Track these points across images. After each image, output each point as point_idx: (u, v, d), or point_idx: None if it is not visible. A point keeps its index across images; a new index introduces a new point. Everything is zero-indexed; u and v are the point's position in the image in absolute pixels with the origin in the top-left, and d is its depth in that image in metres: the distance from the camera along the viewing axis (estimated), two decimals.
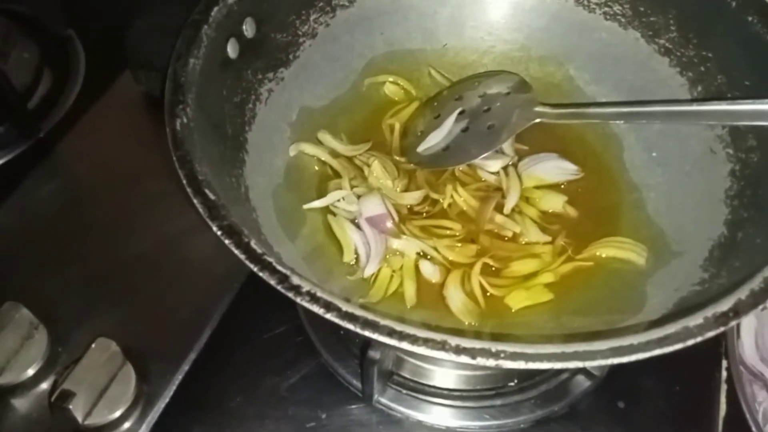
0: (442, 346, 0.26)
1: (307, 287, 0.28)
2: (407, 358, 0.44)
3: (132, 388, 0.41)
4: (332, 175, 0.46)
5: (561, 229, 0.44)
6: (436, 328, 0.27)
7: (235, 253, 0.30)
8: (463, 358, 0.26)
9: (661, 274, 0.40)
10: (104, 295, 0.47)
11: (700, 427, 0.44)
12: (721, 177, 0.41)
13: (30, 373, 0.42)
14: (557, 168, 0.46)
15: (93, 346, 0.41)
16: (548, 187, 0.46)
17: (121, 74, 0.59)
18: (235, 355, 0.45)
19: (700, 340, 0.27)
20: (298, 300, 0.28)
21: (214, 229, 0.30)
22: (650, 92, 0.46)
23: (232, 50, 0.41)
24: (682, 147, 0.44)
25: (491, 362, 0.25)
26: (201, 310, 0.46)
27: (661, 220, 0.43)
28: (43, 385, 0.43)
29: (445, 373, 0.44)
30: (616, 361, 0.26)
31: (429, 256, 0.43)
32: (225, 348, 0.45)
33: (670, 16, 0.45)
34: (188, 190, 0.32)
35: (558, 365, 0.26)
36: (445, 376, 0.44)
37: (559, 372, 0.44)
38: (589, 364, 0.26)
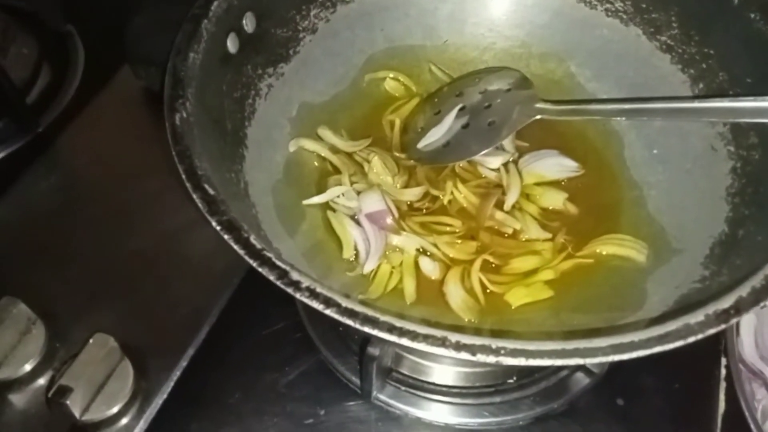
0: (443, 342, 0.26)
1: (306, 283, 0.28)
2: (406, 355, 0.44)
3: (130, 384, 0.41)
4: (332, 171, 0.46)
5: (561, 226, 0.44)
6: (436, 325, 0.27)
7: (235, 248, 0.29)
8: (464, 355, 0.26)
9: (661, 272, 0.40)
10: (102, 291, 0.47)
11: (699, 425, 0.44)
12: (723, 174, 0.41)
13: (27, 368, 0.42)
14: (558, 165, 0.46)
15: (91, 341, 0.41)
16: (549, 184, 0.46)
17: (120, 69, 0.59)
18: (234, 352, 0.45)
19: (701, 337, 0.27)
20: (297, 296, 0.28)
21: (214, 224, 0.30)
22: (651, 89, 0.46)
23: (232, 45, 0.41)
24: (683, 144, 0.44)
25: (491, 359, 0.25)
26: (199, 306, 0.46)
27: (662, 218, 0.43)
28: (41, 381, 0.43)
29: (445, 370, 0.44)
30: (617, 358, 0.26)
31: (429, 253, 0.42)
32: (223, 344, 0.45)
33: (672, 13, 0.45)
34: (187, 185, 0.32)
35: (558, 362, 0.26)
36: (444, 373, 0.44)
37: (558, 369, 0.44)
38: (589, 361, 0.26)
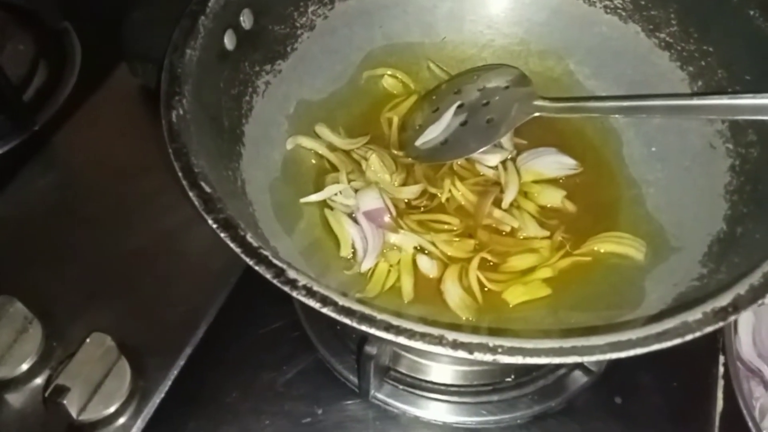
0: (440, 341, 0.26)
1: (303, 281, 0.28)
2: (404, 354, 0.44)
3: (127, 383, 0.41)
4: (330, 169, 0.46)
5: (559, 224, 0.44)
6: (434, 323, 0.27)
7: (231, 246, 0.29)
8: (461, 353, 0.25)
9: (660, 270, 0.40)
10: (99, 290, 0.46)
11: (697, 423, 0.44)
12: (721, 172, 0.41)
13: (24, 367, 0.42)
14: (556, 162, 0.46)
15: (88, 340, 0.41)
16: (547, 182, 0.46)
17: (117, 67, 0.59)
18: (231, 351, 0.45)
19: (698, 335, 0.27)
20: (294, 294, 0.28)
21: (210, 222, 0.30)
22: (650, 86, 0.46)
23: (229, 42, 0.40)
24: (682, 142, 0.44)
25: (489, 357, 0.25)
26: (197, 304, 0.46)
27: (661, 216, 0.43)
28: (38, 380, 0.42)
29: (442, 368, 0.44)
30: (615, 356, 0.26)
31: (426, 251, 0.42)
32: (221, 343, 0.45)
33: (671, 10, 0.45)
34: (184, 182, 0.31)
35: (556, 360, 0.26)
36: (442, 372, 0.44)
37: (556, 368, 0.44)
38: (587, 359, 0.26)
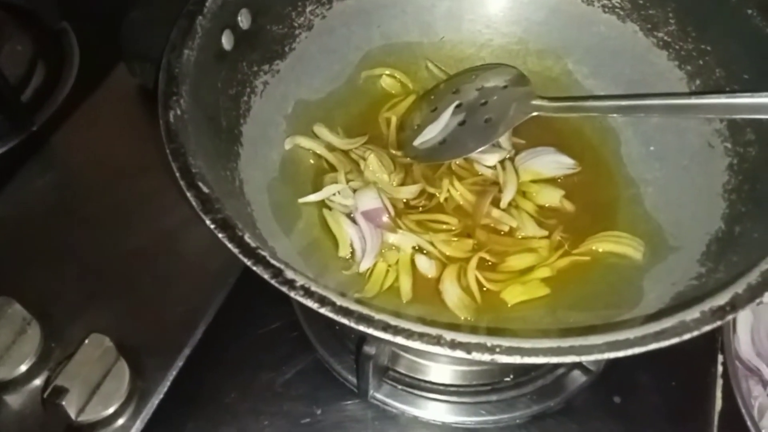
0: (437, 340, 0.26)
1: (301, 281, 0.28)
2: (403, 354, 0.44)
3: (126, 384, 0.41)
4: (328, 169, 0.46)
5: (558, 224, 0.44)
6: (432, 323, 0.27)
7: (229, 247, 0.29)
8: (459, 353, 0.25)
9: (658, 269, 0.40)
10: (98, 290, 0.46)
11: (695, 422, 0.44)
12: (719, 171, 0.41)
13: (23, 369, 0.42)
14: (554, 162, 0.46)
15: (86, 341, 0.41)
16: (545, 182, 0.46)
17: (115, 67, 0.59)
18: (230, 351, 0.45)
19: (696, 334, 0.27)
20: (292, 294, 0.28)
21: (208, 222, 0.30)
22: (648, 86, 0.46)
23: (227, 42, 0.40)
24: (680, 141, 0.44)
25: (487, 357, 0.25)
26: (195, 305, 0.46)
27: (659, 215, 0.43)
28: (36, 381, 0.42)
29: (441, 368, 0.44)
30: (612, 355, 0.26)
31: (425, 251, 0.42)
32: (219, 343, 0.45)
33: (669, 9, 0.45)
34: (181, 183, 0.31)
35: (554, 360, 0.26)
36: (440, 372, 0.44)
37: (555, 367, 0.44)
38: (585, 358, 0.26)
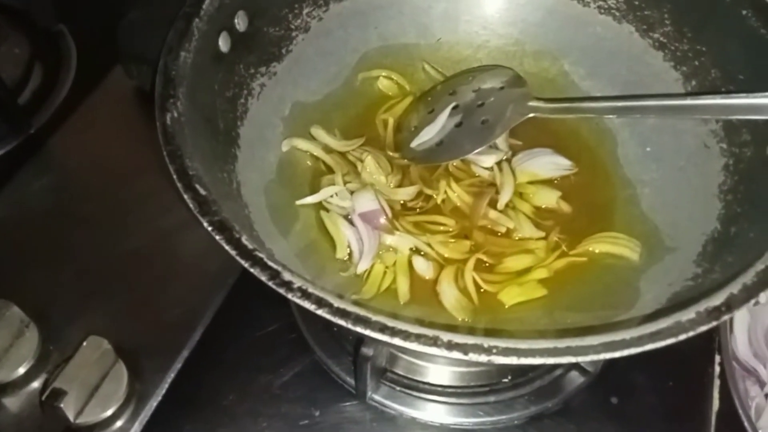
0: (434, 341, 0.26)
1: (298, 283, 0.28)
2: (401, 355, 0.44)
3: (124, 386, 0.41)
4: (325, 171, 0.46)
5: (555, 225, 0.44)
6: (429, 324, 0.27)
7: (226, 248, 0.29)
8: (456, 354, 0.26)
9: (654, 270, 0.40)
10: (96, 293, 0.46)
11: (693, 423, 0.44)
12: (715, 172, 0.41)
13: (21, 371, 0.42)
14: (551, 163, 0.46)
15: (84, 344, 0.41)
16: (542, 183, 0.46)
17: (112, 69, 0.59)
18: (228, 353, 0.45)
19: (692, 334, 0.27)
20: (289, 296, 0.28)
21: (205, 224, 0.30)
22: (645, 86, 0.46)
23: (223, 44, 0.40)
24: (677, 142, 0.44)
25: (483, 358, 0.25)
26: (194, 307, 0.46)
27: (655, 216, 0.43)
28: (34, 384, 0.42)
29: (439, 369, 0.44)
30: (609, 356, 0.26)
31: (422, 252, 0.42)
32: (218, 345, 0.45)
33: (665, 10, 0.45)
34: (179, 185, 0.31)
35: (551, 360, 0.26)
36: (439, 373, 0.44)
37: (552, 368, 0.44)
38: (581, 359, 0.26)
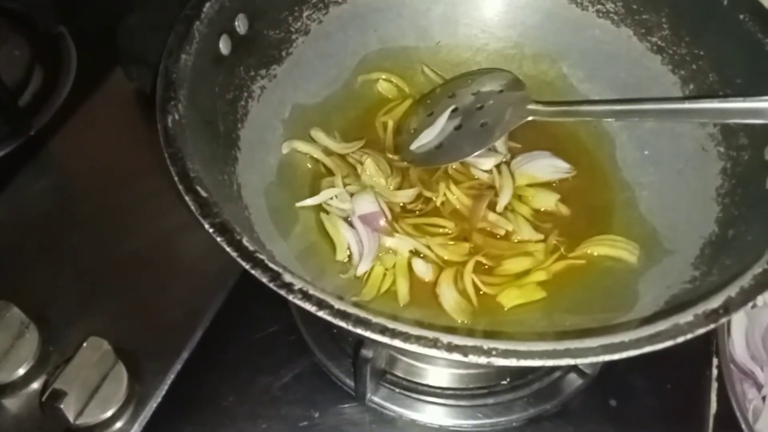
0: (434, 343, 0.26)
1: (299, 285, 0.28)
2: (400, 357, 0.44)
3: (124, 388, 0.41)
4: (325, 173, 0.46)
5: (553, 228, 0.44)
6: (429, 326, 0.27)
7: (227, 250, 0.29)
8: (455, 356, 0.26)
9: (653, 273, 0.40)
10: (96, 294, 0.47)
11: (690, 425, 0.44)
12: (713, 175, 0.41)
13: (21, 372, 0.42)
14: (550, 166, 0.47)
15: (84, 345, 0.41)
16: (541, 185, 0.46)
17: (112, 71, 0.59)
18: (228, 354, 0.45)
19: (690, 337, 0.27)
20: (290, 297, 0.28)
21: (206, 226, 0.30)
22: (643, 90, 0.46)
23: (224, 47, 0.41)
24: (675, 145, 0.44)
25: (483, 359, 0.25)
26: (194, 308, 0.46)
27: (654, 219, 0.43)
28: (34, 385, 0.42)
29: (439, 371, 0.44)
30: (607, 358, 0.26)
31: (422, 255, 0.43)
32: (218, 347, 0.45)
33: (663, 14, 0.45)
34: (180, 187, 0.32)
35: (550, 362, 0.26)
36: (438, 375, 0.44)
37: (551, 370, 0.45)
38: (580, 361, 0.26)
